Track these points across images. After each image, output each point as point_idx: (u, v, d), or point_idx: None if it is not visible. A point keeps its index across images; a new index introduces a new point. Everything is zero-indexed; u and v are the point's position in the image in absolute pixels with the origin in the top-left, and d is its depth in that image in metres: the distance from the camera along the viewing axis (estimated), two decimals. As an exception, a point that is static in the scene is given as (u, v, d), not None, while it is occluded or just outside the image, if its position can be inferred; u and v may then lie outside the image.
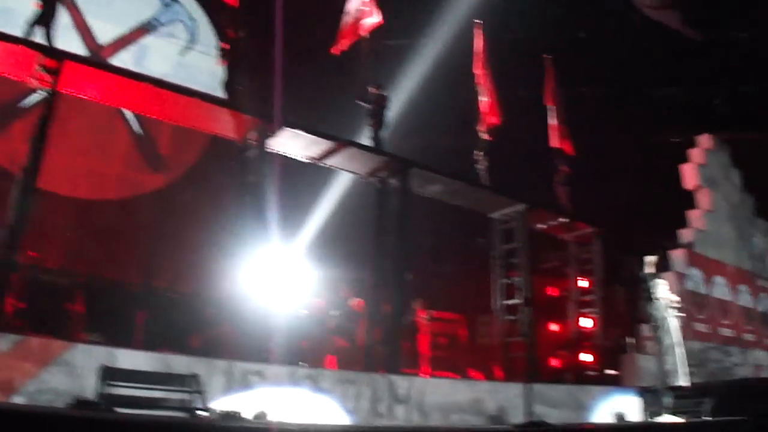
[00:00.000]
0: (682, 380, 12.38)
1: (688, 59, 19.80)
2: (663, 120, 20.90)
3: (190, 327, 11.01)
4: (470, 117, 14.35)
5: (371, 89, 12.43)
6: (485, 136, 14.10)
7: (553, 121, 16.08)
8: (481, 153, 13.92)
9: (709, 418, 10.28)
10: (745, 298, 20.30)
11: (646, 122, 20.72)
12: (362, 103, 12.37)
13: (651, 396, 12.83)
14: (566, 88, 16.64)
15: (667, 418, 10.38)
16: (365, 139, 12.24)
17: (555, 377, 15.14)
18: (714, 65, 20.14)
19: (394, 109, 13.68)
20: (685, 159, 19.89)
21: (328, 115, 13.56)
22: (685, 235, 18.60)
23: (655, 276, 11.85)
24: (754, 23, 19.39)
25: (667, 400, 10.31)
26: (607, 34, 18.67)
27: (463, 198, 13.95)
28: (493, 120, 14.28)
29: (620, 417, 11.96)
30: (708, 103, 21.43)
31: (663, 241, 18.13)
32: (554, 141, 15.94)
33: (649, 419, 12.28)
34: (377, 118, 12.34)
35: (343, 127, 12.48)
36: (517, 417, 11.39)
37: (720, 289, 19.15)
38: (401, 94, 15.11)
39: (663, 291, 10.73)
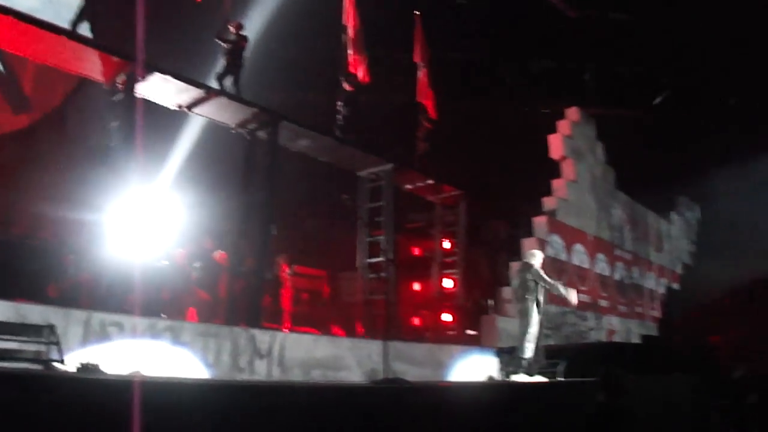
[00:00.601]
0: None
1: (563, 34, 20.41)
2: (535, 90, 21.61)
3: (48, 276, 10.69)
4: (340, 72, 14.26)
5: (231, 27, 12.14)
6: (350, 91, 14.00)
7: (421, 77, 16.20)
8: (348, 108, 13.86)
9: (562, 379, 10.96)
10: (601, 266, 21.48)
11: (519, 91, 21.37)
12: (220, 42, 12.15)
13: (508, 356, 13.48)
14: (440, 50, 16.89)
15: (522, 378, 10.93)
16: (224, 83, 12.02)
17: (416, 336, 15.53)
18: (587, 42, 20.87)
19: (264, 61, 13.55)
20: (553, 130, 20.68)
21: (200, 64, 13.29)
22: (549, 203, 19.38)
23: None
24: (627, 5, 20.20)
25: (524, 360, 10.86)
26: (485, 2, 18.93)
27: (331, 155, 13.99)
28: (361, 75, 14.26)
29: (490, 379, 12.44)
30: (578, 78, 22.33)
31: (527, 207, 18.92)
32: (421, 97, 16.07)
33: (506, 379, 12.92)
34: (235, 60, 12.11)
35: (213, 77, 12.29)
36: (378, 374, 11.78)
37: (579, 256, 20.12)
38: (270, 43, 14.74)
39: (537, 262, 11.25)
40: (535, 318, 10.47)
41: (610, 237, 22.22)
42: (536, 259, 10.71)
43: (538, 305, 10.48)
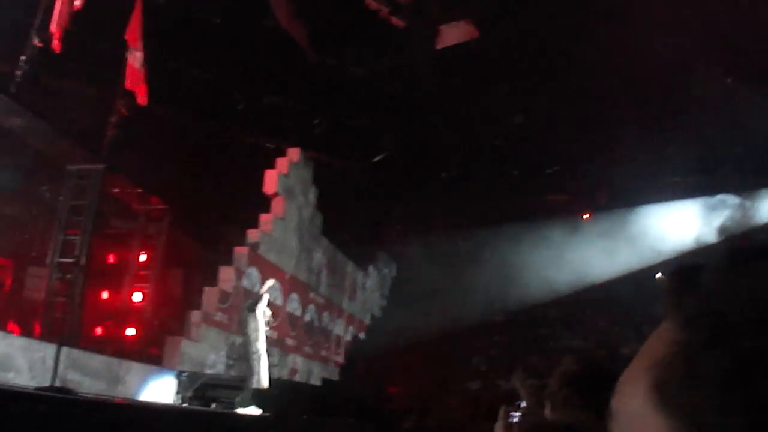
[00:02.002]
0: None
1: (304, 75, 21.23)
2: (263, 123, 22.27)
3: None
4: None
5: None
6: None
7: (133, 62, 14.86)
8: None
9: (241, 410, 11.52)
10: (294, 306, 22.35)
11: (247, 121, 21.89)
12: None
13: (188, 380, 13.77)
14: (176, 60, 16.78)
15: (253, 410, 11.40)
16: None
17: (97, 346, 15.28)
18: (324, 88, 21.91)
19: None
20: (272, 165, 21.35)
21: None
22: (253, 235, 19.68)
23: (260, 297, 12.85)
24: (363, 61, 21.62)
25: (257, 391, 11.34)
26: (237, 26, 19.19)
27: (43, 140, 13.60)
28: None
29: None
30: (307, 121, 23.36)
31: (232, 236, 19.36)
32: (130, 83, 14.78)
33: (182, 403, 13.18)
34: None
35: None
36: (47, 379, 11.44)
37: (273, 293, 20.63)
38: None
39: (263, 306, 11.98)
40: (263, 349, 11.17)
41: (307, 279, 23.24)
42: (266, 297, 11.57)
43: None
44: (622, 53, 18.72)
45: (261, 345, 11.65)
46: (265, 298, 11.78)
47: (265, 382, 11.42)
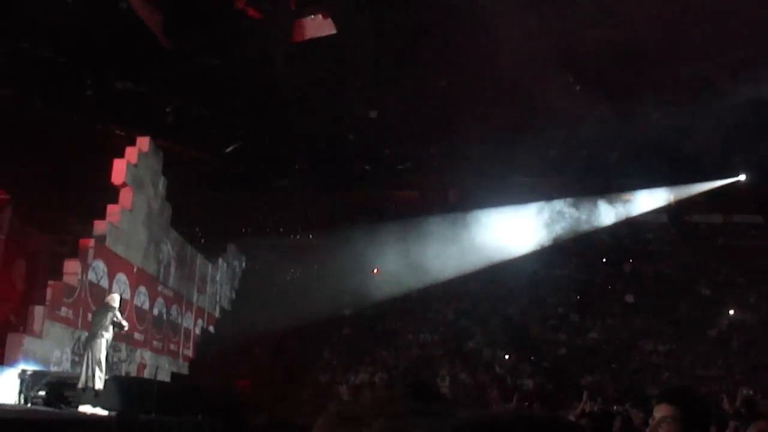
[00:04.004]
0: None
1: (158, 61, 20.73)
2: (113, 109, 21.62)
3: None
4: None
5: None
6: None
7: None
8: None
9: (79, 410, 11.33)
10: (142, 300, 21.87)
11: (97, 106, 21.15)
12: None
13: (32, 379, 13.31)
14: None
15: (89, 408, 11.25)
16: None
17: None
18: (178, 75, 21.49)
19: None
20: (121, 154, 20.72)
21: None
22: (99, 227, 19.08)
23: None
24: (221, 50, 21.35)
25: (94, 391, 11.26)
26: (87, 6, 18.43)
27: None
28: None
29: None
30: (159, 109, 22.85)
31: (78, 227, 18.73)
32: None
33: (28, 404, 12.78)
34: None
35: None
36: None
37: (121, 286, 20.14)
38: None
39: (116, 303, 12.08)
40: (104, 353, 11.18)
41: (156, 272, 22.83)
42: (116, 302, 11.63)
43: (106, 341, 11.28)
44: (478, 54, 19.54)
45: (98, 346, 11.65)
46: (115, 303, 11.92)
47: (99, 383, 11.37)
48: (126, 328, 11.64)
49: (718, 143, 23.13)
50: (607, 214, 29.60)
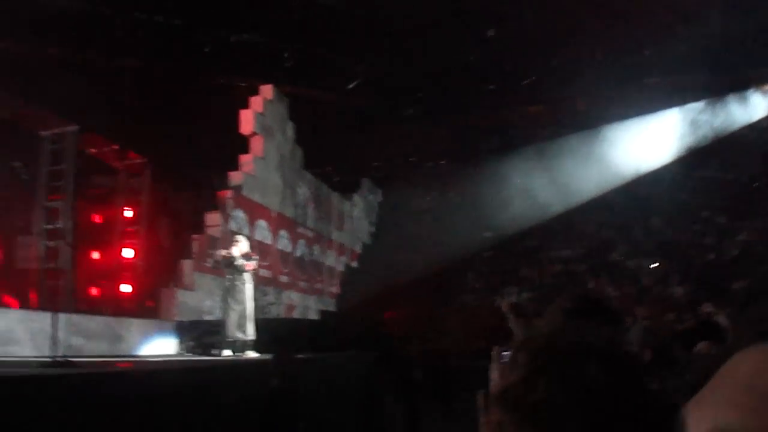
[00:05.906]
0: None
1: (267, 8, 20.96)
2: (232, 63, 22.10)
3: None
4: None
5: None
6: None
7: None
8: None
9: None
10: (284, 243, 22.72)
11: (215, 61, 21.69)
12: None
13: (188, 330, 14.11)
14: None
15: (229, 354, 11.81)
16: None
17: (93, 307, 15.50)
18: (289, 21, 21.66)
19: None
20: (246, 105, 21.33)
21: None
22: (235, 177, 19.83)
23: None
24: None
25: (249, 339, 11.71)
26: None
27: (9, 110, 13.56)
28: None
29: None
30: (277, 56, 23.18)
31: (213, 181, 19.49)
32: None
33: (185, 353, 13.56)
34: None
35: None
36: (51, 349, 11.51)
37: (261, 232, 21.06)
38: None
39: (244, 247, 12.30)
40: (249, 299, 11.57)
41: (294, 214, 23.57)
42: (242, 244, 11.92)
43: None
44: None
45: (240, 297, 11.91)
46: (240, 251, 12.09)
47: (250, 330, 11.77)
48: (252, 266, 11.85)
49: None
50: (750, 109, 27.75)
